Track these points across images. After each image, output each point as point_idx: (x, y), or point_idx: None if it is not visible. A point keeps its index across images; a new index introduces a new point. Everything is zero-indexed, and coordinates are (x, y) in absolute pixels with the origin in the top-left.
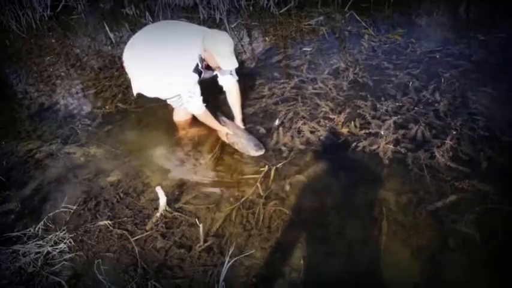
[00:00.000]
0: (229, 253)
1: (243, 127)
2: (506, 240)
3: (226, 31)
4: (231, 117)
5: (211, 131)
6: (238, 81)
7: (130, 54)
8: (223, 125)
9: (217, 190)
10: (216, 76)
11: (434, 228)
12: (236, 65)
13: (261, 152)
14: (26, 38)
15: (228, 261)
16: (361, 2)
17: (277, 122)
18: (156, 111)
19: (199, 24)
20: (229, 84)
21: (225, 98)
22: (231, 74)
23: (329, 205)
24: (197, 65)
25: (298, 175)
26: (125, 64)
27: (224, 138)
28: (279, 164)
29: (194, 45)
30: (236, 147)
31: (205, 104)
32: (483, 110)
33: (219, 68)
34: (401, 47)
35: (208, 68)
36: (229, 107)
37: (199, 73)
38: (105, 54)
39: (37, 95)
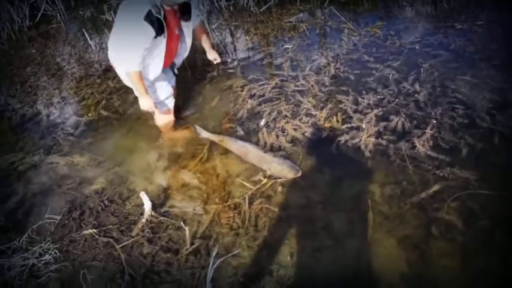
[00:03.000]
0: (214, 254)
1: (217, 57)
2: (488, 224)
3: (207, 32)
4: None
5: (194, 133)
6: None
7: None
8: (244, 151)
9: (203, 192)
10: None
11: (418, 218)
12: None
13: (299, 174)
14: (5, 49)
15: (214, 262)
16: None
17: (262, 123)
18: (139, 117)
19: None
20: (195, 24)
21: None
22: (198, 16)
23: (315, 201)
24: (150, 11)
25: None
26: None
27: (144, 106)
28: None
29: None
30: (269, 172)
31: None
32: (462, 98)
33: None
34: (380, 39)
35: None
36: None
37: (158, 26)
38: (86, 61)
39: (19, 106)
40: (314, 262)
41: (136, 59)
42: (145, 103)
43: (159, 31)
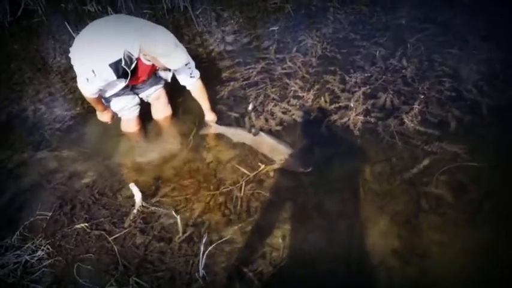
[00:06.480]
0: (204, 241)
1: (215, 119)
2: (477, 196)
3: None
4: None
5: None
6: (203, 75)
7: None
8: (259, 141)
9: (194, 180)
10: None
11: (408, 193)
12: (185, 59)
13: (309, 169)
14: None
15: (205, 249)
16: None
17: (250, 107)
18: None
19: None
20: (190, 84)
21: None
22: (191, 76)
23: (306, 182)
24: (119, 61)
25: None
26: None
27: (101, 119)
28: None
29: (123, 41)
30: (278, 165)
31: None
32: (449, 71)
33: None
34: (366, 16)
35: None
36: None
37: (122, 74)
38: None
39: (5, 104)
40: (306, 243)
41: (92, 90)
42: (101, 116)
43: (121, 77)
